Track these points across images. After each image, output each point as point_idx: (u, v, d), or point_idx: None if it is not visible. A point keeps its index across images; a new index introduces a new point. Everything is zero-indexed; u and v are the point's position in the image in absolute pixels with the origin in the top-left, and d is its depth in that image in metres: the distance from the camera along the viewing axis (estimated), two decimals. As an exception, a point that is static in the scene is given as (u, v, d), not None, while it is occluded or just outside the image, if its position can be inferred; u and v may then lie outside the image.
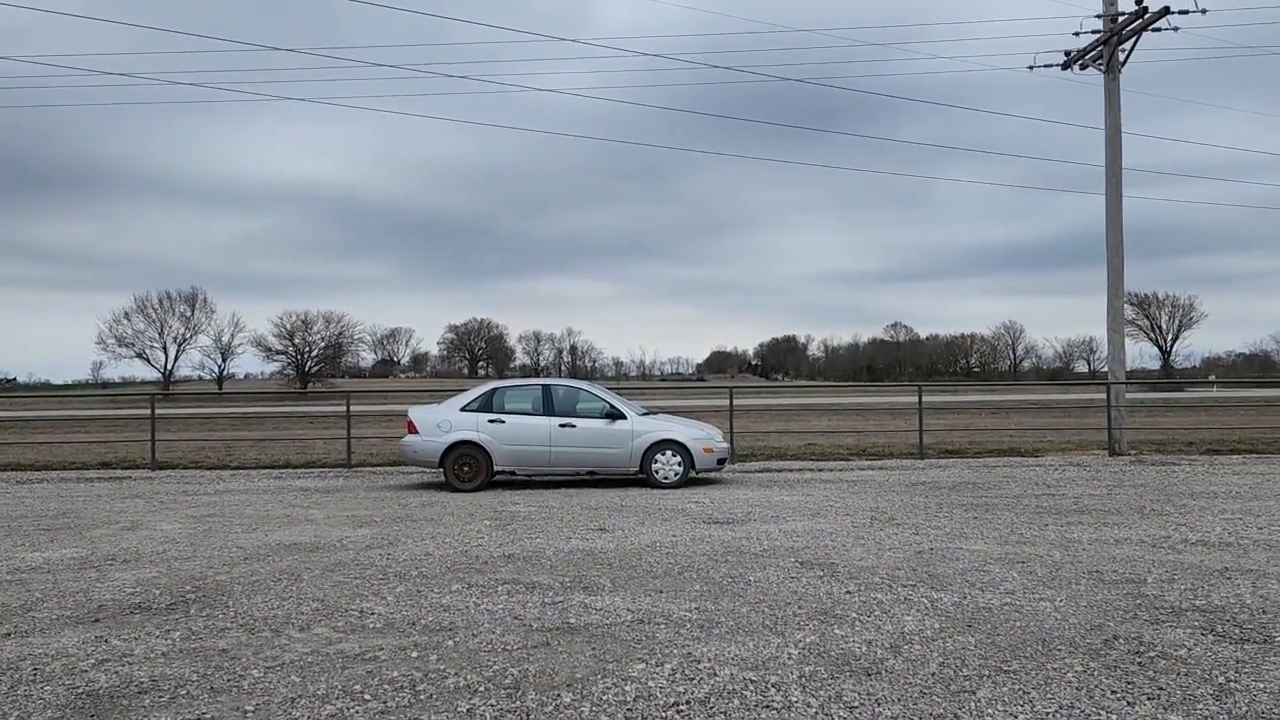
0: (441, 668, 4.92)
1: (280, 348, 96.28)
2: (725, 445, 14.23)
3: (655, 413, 15.12)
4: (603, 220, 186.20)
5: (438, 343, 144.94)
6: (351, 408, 18.76)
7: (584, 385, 14.61)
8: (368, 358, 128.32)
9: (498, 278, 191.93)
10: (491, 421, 13.50)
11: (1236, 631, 5.48)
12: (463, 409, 13.74)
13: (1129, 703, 4.31)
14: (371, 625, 5.80)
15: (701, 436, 13.82)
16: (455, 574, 7.29)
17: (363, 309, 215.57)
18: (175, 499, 12.60)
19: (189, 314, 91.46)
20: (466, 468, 13.40)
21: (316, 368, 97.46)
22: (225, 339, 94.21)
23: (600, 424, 13.62)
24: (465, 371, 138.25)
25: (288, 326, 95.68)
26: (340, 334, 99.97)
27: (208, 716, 4.26)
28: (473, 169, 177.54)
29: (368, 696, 4.49)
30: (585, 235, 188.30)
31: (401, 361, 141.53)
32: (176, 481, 15.07)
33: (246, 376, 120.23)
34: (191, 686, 4.67)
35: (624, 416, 13.68)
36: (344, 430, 17.82)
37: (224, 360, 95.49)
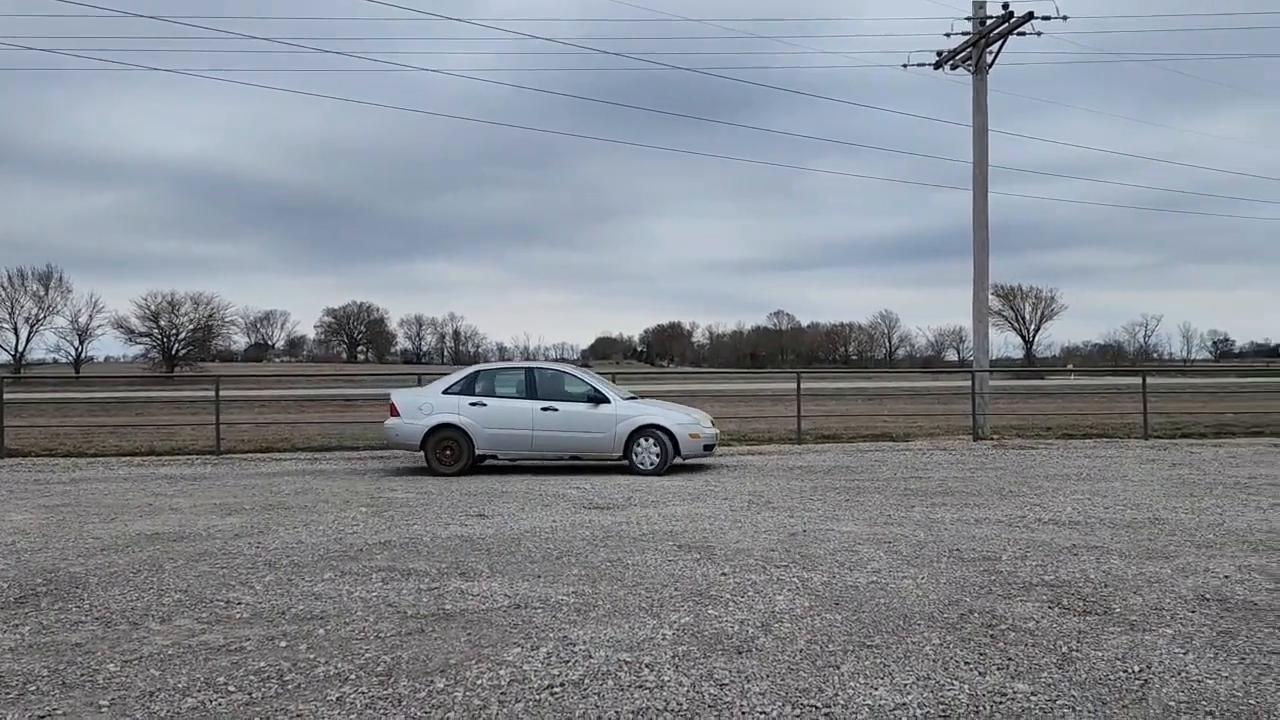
0: (311, 657, 4.81)
1: (144, 330, 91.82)
2: (712, 430, 13.91)
3: (641, 397, 14.91)
4: (487, 204, 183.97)
5: (315, 326, 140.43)
6: (221, 393, 18.09)
7: (568, 369, 14.37)
8: (240, 341, 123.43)
9: (378, 260, 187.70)
10: (473, 404, 13.33)
11: (1080, 604, 5.85)
12: (445, 391, 13.54)
13: (980, 673, 4.56)
14: (238, 615, 5.63)
15: (686, 422, 13.47)
16: (328, 562, 7.13)
17: (235, 290, 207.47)
18: (26, 488, 11.92)
19: (43, 293, 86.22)
20: (448, 451, 13.23)
21: (184, 351, 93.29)
22: (84, 320, 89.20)
23: (583, 408, 13.36)
24: (344, 356, 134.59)
25: (152, 308, 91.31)
26: (210, 316, 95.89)
27: (59, 713, 4.07)
28: (352, 149, 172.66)
29: (232, 688, 4.37)
30: (469, 219, 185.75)
31: (276, 345, 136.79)
32: (28, 470, 14.25)
33: (107, 360, 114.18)
34: (41, 682, 4.44)
35: (608, 400, 13.41)
36: (213, 416, 17.16)
37: (81, 343, 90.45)
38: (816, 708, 4.10)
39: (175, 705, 4.15)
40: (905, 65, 20.71)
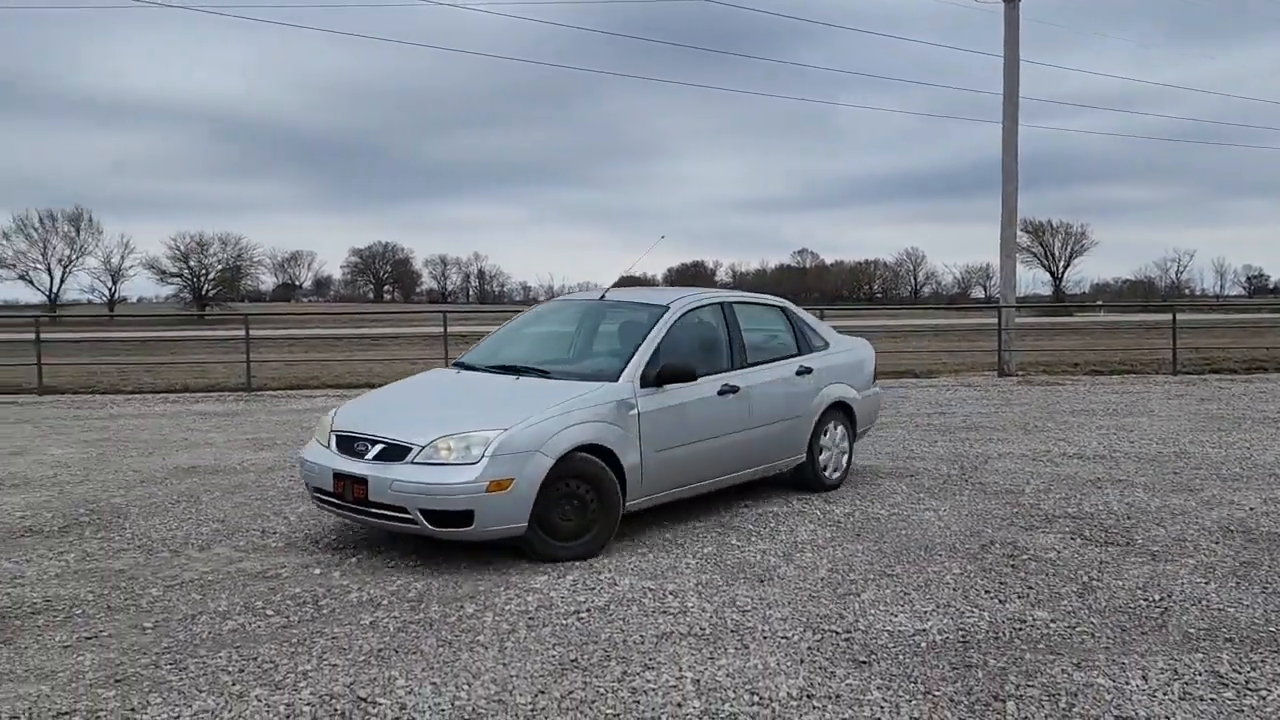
0: (345, 584, 4.96)
1: (175, 270, 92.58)
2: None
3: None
4: (506, 142, 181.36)
5: (341, 266, 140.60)
6: (251, 331, 18.29)
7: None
8: (268, 281, 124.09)
9: (401, 200, 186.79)
10: None
11: (1102, 535, 5.89)
12: None
13: (1001, 600, 4.62)
14: (273, 544, 5.78)
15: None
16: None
17: (262, 231, 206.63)
18: (66, 424, 12.18)
19: (74, 234, 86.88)
20: None
21: (214, 291, 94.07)
22: (115, 261, 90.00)
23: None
24: (370, 295, 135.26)
25: (182, 249, 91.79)
26: (238, 256, 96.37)
27: (105, 634, 4.23)
28: (374, 89, 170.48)
29: (270, 612, 4.52)
30: (489, 157, 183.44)
31: (304, 285, 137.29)
32: (66, 406, 14.54)
33: (140, 300, 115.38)
34: (87, 606, 4.62)
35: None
36: (244, 354, 17.38)
37: (115, 283, 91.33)
38: (837, 633, 4.19)
39: (216, 628, 4.30)
40: (936, -7, 20.20)
